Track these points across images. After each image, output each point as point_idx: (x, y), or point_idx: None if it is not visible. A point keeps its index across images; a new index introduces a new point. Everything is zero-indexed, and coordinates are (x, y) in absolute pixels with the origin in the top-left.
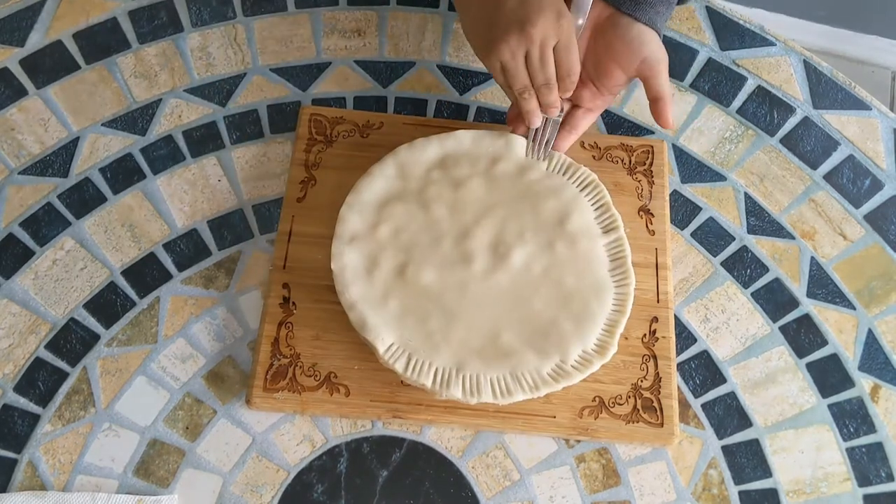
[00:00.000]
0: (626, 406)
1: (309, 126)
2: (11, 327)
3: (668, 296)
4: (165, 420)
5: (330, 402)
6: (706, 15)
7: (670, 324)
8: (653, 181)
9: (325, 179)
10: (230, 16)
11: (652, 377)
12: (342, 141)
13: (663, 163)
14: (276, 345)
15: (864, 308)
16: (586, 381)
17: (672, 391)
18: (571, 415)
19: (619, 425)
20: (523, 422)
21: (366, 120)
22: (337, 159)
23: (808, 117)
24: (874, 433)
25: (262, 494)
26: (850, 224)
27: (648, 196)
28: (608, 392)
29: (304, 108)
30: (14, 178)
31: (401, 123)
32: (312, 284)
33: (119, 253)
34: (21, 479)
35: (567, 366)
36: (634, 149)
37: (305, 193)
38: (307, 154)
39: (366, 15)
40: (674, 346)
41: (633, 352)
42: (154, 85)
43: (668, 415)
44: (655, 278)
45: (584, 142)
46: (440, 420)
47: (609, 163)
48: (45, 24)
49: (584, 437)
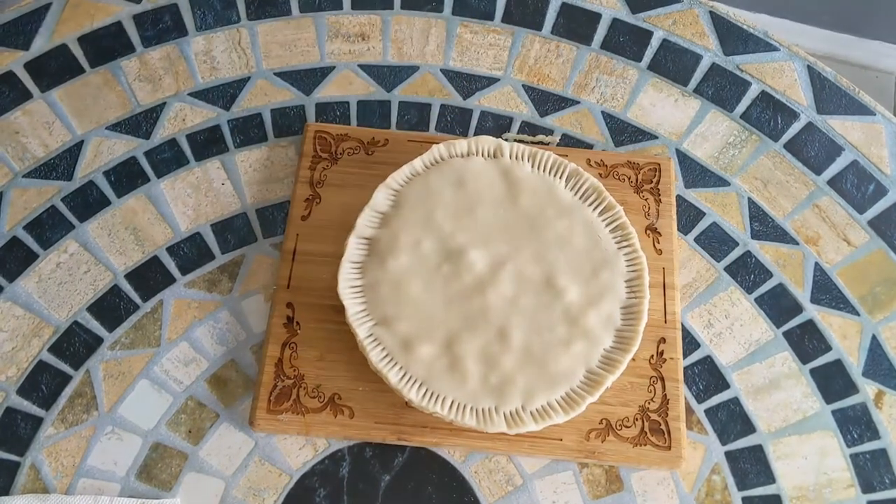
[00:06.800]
0: (634, 429)
1: (314, 143)
2: (15, 330)
3: (675, 316)
4: (168, 423)
5: (334, 424)
6: (710, 20)
7: (678, 345)
8: (660, 199)
9: (330, 198)
10: (234, 20)
11: (659, 399)
12: (347, 158)
13: (670, 181)
14: (279, 366)
15: (868, 314)
16: (593, 404)
17: (680, 413)
18: (578, 437)
19: (626, 448)
20: (530, 445)
21: (371, 137)
22: (342, 177)
23: (812, 122)
24: (878, 439)
25: (264, 498)
26: (853, 229)
27: (655, 214)
28: (615, 414)
29: (309, 125)
30: (18, 181)
31: (405, 140)
32: (317, 304)
33: (122, 256)
34: (24, 481)
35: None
36: (641, 167)
37: (310, 212)
38: (312, 171)
39: (370, 19)
40: (681, 367)
41: (641, 373)
42: (158, 89)
43: (676, 437)
44: (663, 298)
45: (590, 159)
46: (445, 443)
47: (616, 181)
48: (49, 27)
49: (590, 460)
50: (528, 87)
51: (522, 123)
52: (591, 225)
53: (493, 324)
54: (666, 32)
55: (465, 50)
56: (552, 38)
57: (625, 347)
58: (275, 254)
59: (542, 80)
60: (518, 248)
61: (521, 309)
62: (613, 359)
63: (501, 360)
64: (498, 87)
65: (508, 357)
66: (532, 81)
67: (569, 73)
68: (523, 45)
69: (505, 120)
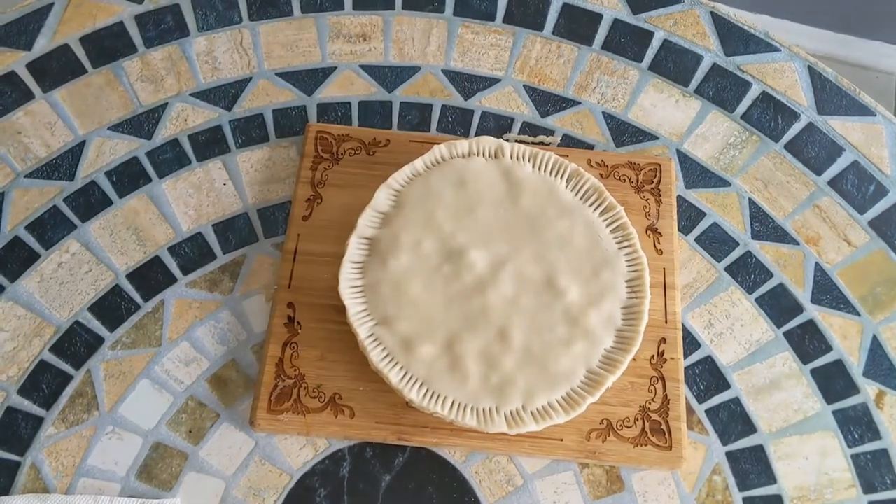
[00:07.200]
0: (634, 429)
1: (315, 143)
2: (16, 330)
3: (675, 316)
4: (168, 423)
5: (334, 424)
6: (711, 20)
7: (678, 345)
8: (660, 200)
9: (331, 198)
10: (236, 20)
11: (660, 399)
12: (348, 158)
13: (671, 181)
14: (280, 366)
15: (868, 314)
16: (593, 404)
17: (681, 413)
18: (579, 438)
19: (627, 448)
20: (530, 445)
21: (372, 137)
22: (343, 177)
23: (813, 123)
24: (879, 440)
25: (264, 498)
26: (854, 230)
27: (656, 215)
28: (616, 414)
29: (310, 125)
30: (20, 182)
31: (407, 141)
32: (318, 304)
33: (124, 256)
34: (24, 481)
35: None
36: (642, 167)
37: (311, 212)
38: (313, 172)
39: (371, 20)
40: (682, 367)
41: (641, 373)
42: (160, 89)
43: (677, 437)
44: (664, 298)
45: (591, 159)
46: (446, 442)
47: (616, 181)
48: (51, 28)
49: (591, 461)
50: (529, 87)
51: (523, 124)
52: (592, 225)
53: (493, 324)
54: (667, 33)
55: (467, 50)
56: (553, 39)
57: (625, 347)
58: (276, 254)
59: (543, 81)
60: (519, 249)
61: (521, 309)
62: (614, 359)
63: (502, 360)
64: (499, 87)
65: (509, 357)
66: (533, 82)
67: (570, 74)
68: (524, 46)
69: (506, 120)
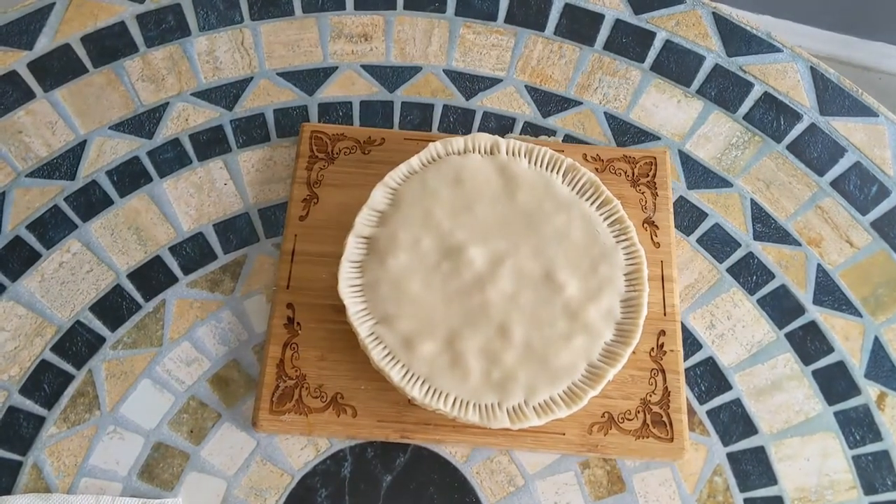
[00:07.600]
0: (636, 421)
1: (310, 143)
2: (17, 329)
3: (674, 308)
4: (170, 423)
5: (337, 424)
6: (713, 21)
7: (678, 337)
8: (656, 193)
9: (328, 198)
10: (237, 20)
11: (661, 391)
12: (344, 158)
13: (666, 174)
14: (281, 366)
15: (870, 315)
16: (595, 397)
17: (681, 405)
18: (581, 431)
19: (628, 441)
20: (532, 440)
21: (367, 136)
22: (339, 176)
23: (815, 124)
24: (880, 441)
25: (266, 498)
26: (856, 231)
27: (652, 208)
28: (617, 407)
29: (305, 125)
30: (21, 181)
31: (402, 139)
32: (317, 304)
33: (125, 256)
34: (25, 481)
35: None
36: (637, 160)
37: (308, 212)
38: (309, 172)
39: (373, 19)
40: (682, 359)
41: (641, 366)
42: (161, 88)
43: (678, 429)
44: (662, 291)
45: (586, 154)
46: (448, 439)
47: (612, 175)
48: (53, 27)
49: (593, 454)
50: (530, 87)
51: (525, 124)
52: (589, 219)
53: (493, 320)
54: (669, 33)
55: (468, 50)
56: (555, 39)
57: (625, 340)
58: (277, 254)
59: (545, 81)
60: (517, 244)
61: (521, 304)
62: (614, 352)
63: (503, 355)
64: (500, 87)
65: (510, 353)
66: (535, 82)
67: (571, 74)
68: (526, 46)
69: (507, 121)
